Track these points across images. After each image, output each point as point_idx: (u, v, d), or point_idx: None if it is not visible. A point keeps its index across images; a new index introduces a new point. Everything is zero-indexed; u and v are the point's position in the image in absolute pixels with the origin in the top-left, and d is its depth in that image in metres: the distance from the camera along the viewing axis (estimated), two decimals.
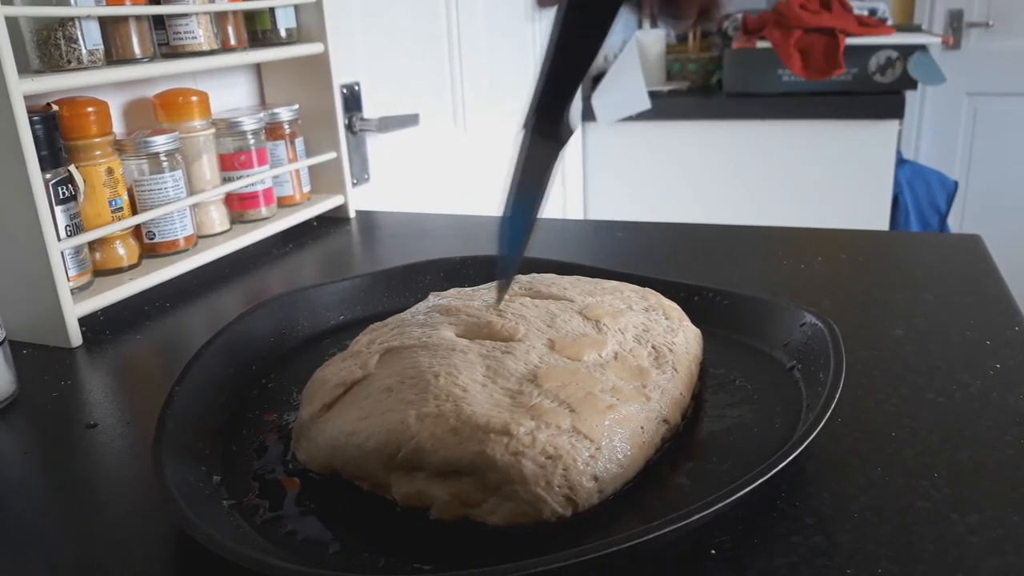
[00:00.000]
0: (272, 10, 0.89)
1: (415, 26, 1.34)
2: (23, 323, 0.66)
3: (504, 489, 0.38)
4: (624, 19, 2.33)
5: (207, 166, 0.85)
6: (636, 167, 2.05)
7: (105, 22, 0.71)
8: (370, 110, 1.21)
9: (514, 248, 0.48)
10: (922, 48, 1.83)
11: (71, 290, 0.66)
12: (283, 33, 0.91)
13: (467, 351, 0.47)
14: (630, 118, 1.97)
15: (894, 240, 0.95)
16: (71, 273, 0.68)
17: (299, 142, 0.97)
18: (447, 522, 0.40)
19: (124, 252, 0.76)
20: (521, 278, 0.61)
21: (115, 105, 0.81)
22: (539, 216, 0.47)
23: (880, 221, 1.90)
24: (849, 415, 0.48)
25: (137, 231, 0.78)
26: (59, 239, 0.65)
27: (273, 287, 0.81)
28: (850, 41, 1.81)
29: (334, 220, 1.01)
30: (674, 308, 0.57)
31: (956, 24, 2.55)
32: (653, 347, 0.50)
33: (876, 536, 0.38)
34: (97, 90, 0.75)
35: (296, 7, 0.92)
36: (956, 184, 2.19)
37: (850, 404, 0.49)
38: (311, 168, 0.99)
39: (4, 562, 0.40)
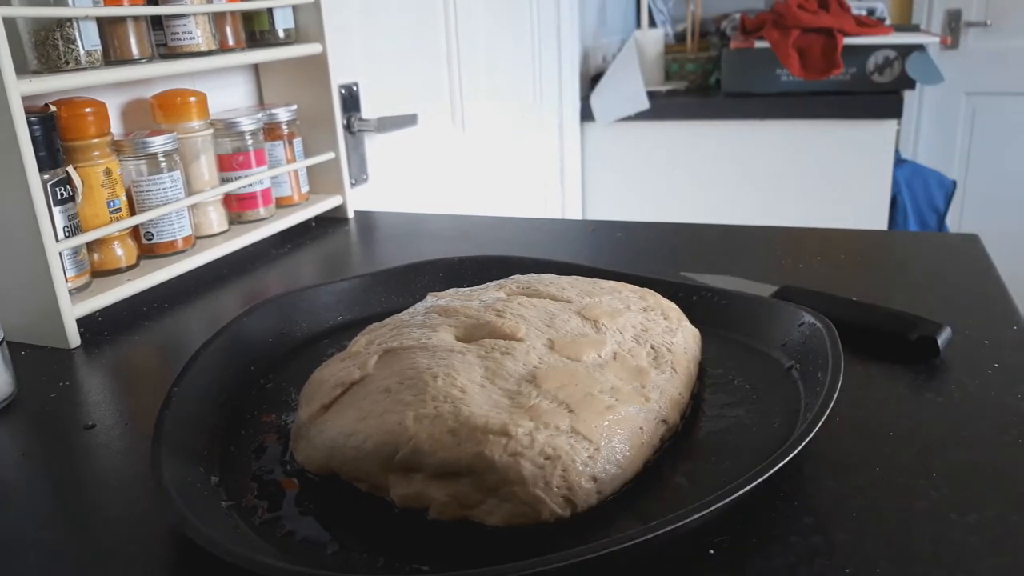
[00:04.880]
0: (270, 10, 0.89)
1: (413, 26, 1.34)
2: (21, 324, 0.66)
3: (503, 490, 0.38)
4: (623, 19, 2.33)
5: (205, 166, 0.85)
6: (634, 167, 2.05)
7: (103, 23, 0.71)
8: (368, 110, 1.21)
9: None
10: (920, 48, 1.83)
11: (69, 291, 0.66)
12: (281, 33, 0.91)
13: (465, 352, 0.47)
14: (628, 118, 1.97)
15: (892, 240, 0.95)
16: (69, 274, 0.68)
17: (297, 142, 0.97)
18: (445, 523, 0.40)
19: (122, 253, 0.76)
20: (519, 278, 0.60)
21: (113, 106, 0.81)
22: None
23: (878, 221, 1.90)
24: (847, 415, 0.48)
25: (135, 232, 0.78)
26: (57, 240, 0.65)
27: (272, 288, 0.81)
28: (848, 41, 1.81)
29: (332, 220, 1.01)
30: (672, 308, 0.57)
31: (954, 24, 2.55)
32: (652, 347, 0.50)
33: (875, 536, 0.38)
34: (95, 91, 0.75)
35: (294, 7, 0.92)
36: (954, 184, 2.19)
37: (848, 404, 0.49)
38: (309, 168, 0.99)
39: (4, 563, 0.40)
